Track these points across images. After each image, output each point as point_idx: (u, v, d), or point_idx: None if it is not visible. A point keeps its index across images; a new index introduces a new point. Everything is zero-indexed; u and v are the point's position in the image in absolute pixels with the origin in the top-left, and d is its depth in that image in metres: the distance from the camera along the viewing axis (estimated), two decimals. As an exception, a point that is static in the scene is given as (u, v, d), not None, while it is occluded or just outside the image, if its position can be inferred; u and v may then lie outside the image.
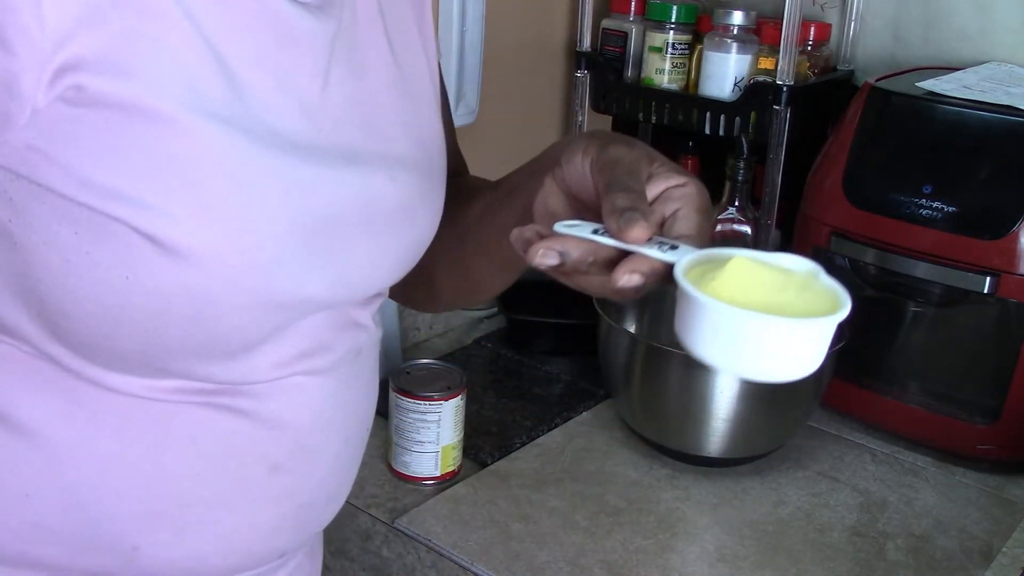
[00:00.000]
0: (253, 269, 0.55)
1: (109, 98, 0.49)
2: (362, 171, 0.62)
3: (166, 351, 0.57)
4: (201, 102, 0.52)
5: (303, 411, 0.65)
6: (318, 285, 0.60)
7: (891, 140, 1.06)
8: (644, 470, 1.03)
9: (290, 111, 0.57)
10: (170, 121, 0.51)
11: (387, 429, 1.00)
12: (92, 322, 0.54)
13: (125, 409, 0.59)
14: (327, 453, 0.68)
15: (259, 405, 0.62)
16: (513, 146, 1.42)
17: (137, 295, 0.53)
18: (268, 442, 0.64)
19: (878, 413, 1.11)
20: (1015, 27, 1.20)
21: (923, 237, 1.01)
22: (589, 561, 0.88)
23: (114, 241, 0.52)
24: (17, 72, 0.47)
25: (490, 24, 1.26)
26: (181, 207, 0.52)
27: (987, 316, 1.04)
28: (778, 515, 0.97)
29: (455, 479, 1.00)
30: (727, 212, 1.23)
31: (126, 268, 0.52)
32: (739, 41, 1.23)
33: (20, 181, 0.51)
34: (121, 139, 0.50)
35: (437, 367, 1.01)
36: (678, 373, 0.99)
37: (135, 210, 0.51)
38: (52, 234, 0.52)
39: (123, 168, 0.51)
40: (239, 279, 0.55)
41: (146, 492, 0.61)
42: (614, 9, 1.35)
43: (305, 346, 0.63)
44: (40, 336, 0.56)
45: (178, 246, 0.52)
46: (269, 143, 0.55)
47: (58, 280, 0.53)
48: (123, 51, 0.49)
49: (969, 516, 0.98)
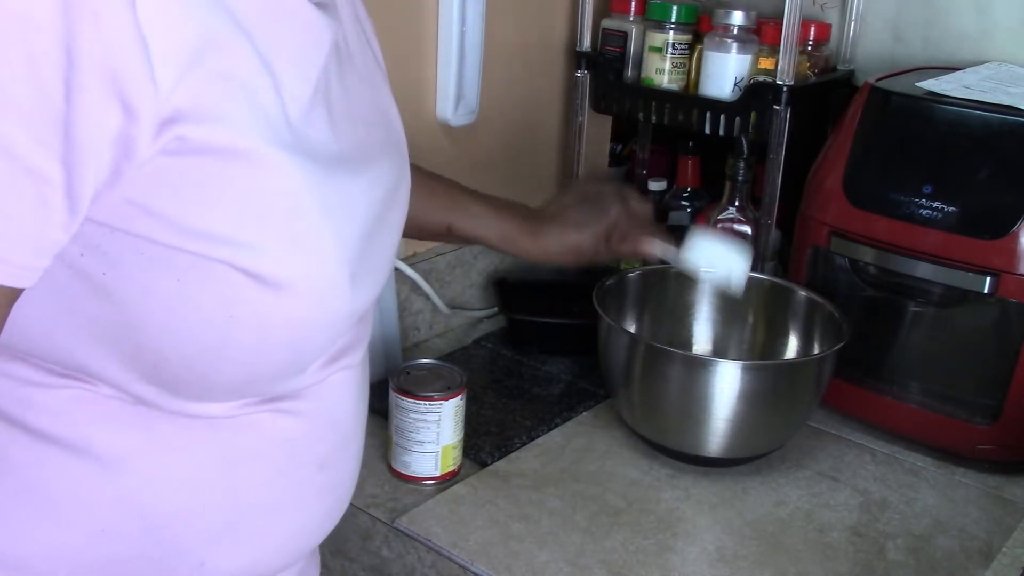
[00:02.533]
0: (338, 290, 0.57)
1: (206, 144, 0.50)
2: (373, 168, 0.63)
3: (261, 378, 0.59)
4: (275, 134, 0.53)
5: (344, 406, 0.67)
6: (374, 288, 0.63)
7: (891, 140, 1.06)
8: (644, 470, 1.03)
9: (324, 122, 0.58)
10: (258, 159, 0.52)
11: (387, 429, 1.00)
12: (192, 362, 0.55)
13: (198, 432, 0.60)
14: (356, 444, 0.72)
15: (312, 405, 0.64)
16: (513, 146, 1.42)
17: (239, 331, 0.54)
18: (318, 441, 0.66)
19: (878, 413, 1.11)
20: (1015, 27, 1.20)
21: (923, 237, 1.01)
22: (589, 561, 0.88)
23: (216, 282, 0.53)
24: (136, 135, 0.48)
25: (490, 24, 1.26)
26: (275, 241, 0.53)
27: (987, 316, 1.04)
28: (778, 515, 0.97)
29: (455, 479, 1.00)
30: (727, 212, 1.23)
31: (229, 307, 0.53)
32: (739, 41, 1.23)
33: (116, 234, 0.51)
34: (218, 183, 0.51)
35: (437, 367, 1.01)
36: (678, 373, 0.99)
37: (235, 250, 0.52)
38: (152, 283, 0.52)
39: (221, 211, 0.52)
40: (328, 301, 0.57)
41: (214, 508, 0.61)
42: (614, 9, 1.35)
43: (345, 343, 0.65)
44: (130, 380, 0.56)
45: (276, 279, 0.54)
46: (324, 163, 0.56)
47: (159, 327, 0.53)
48: (212, 96, 0.50)
49: (969, 516, 0.98)
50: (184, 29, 0.48)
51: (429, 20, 1.22)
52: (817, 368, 1.01)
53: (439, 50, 1.23)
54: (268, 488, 0.64)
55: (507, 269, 1.43)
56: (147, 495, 0.59)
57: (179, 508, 0.60)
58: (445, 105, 1.25)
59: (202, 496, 0.61)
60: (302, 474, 0.65)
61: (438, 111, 1.26)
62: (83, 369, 0.56)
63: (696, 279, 1.04)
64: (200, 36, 0.49)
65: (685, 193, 1.42)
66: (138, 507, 0.59)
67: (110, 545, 0.59)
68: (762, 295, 1.15)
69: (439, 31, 1.23)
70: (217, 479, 0.61)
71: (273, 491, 0.64)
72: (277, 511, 0.65)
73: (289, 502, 0.65)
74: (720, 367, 0.97)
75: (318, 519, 0.69)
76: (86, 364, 0.55)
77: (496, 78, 1.32)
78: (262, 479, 0.63)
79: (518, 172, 1.44)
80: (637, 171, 1.53)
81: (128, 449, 0.58)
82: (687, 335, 1.18)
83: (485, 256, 1.39)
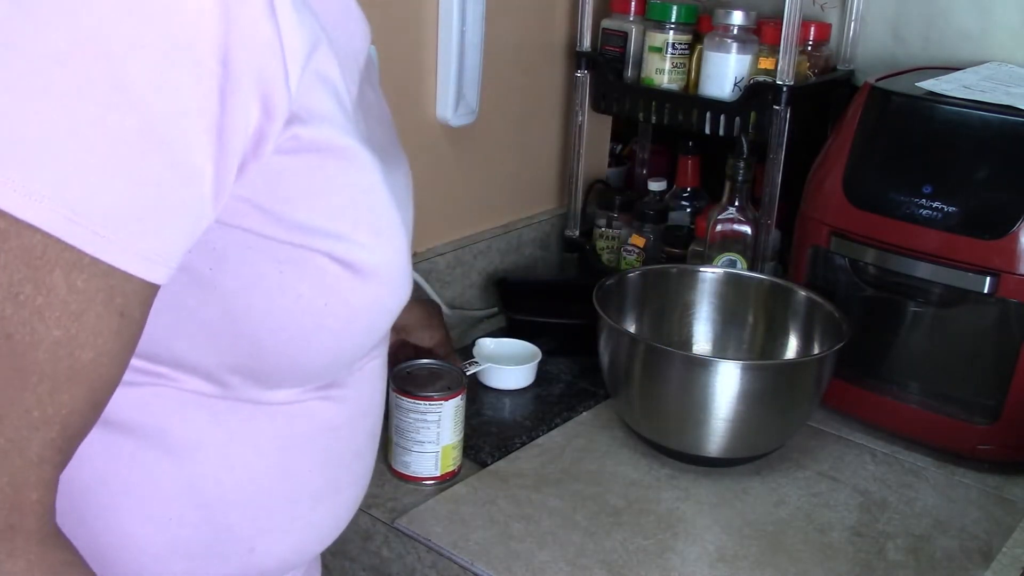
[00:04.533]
0: (405, 276, 0.61)
1: (313, 143, 0.53)
2: (401, 164, 0.67)
3: (341, 362, 0.62)
4: (355, 131, 0.56)
5: (377, 394, 0.70)
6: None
7: (891, 140, 1.06)
8: (644, 470, 1.03)
9: (364, 118, 0.61)
10: (351, 155, 0.55)
11: (387, 429, 1.00)
12: (286, 348, 0.58)
13: (260, 421, 0.61)
14: (378, 430, 0.73)
15: (354, 393, 0.66)
16: (513, 146, 1.42)
17: (331, 317, 0.57)
18: (357, 428, 0.68)
19: (878, 413, 1.11)
20: (1015, 27, 1.20)
21: (923, 237, 1.01)
22: (589, 561, 0.88)
23: (314, 272, 0.55)
24: (269, 134, 0.50)
25: (490, 24, 1.26)
26: (364, 231, 0.57)
27: (987, 316, 1.04)
28: (778, 515, 0.97)
29: (455, 479, 1.00)
30: (727, 212, 1.23)
31: (325, 294, 0.56)
32: (739, 41, 1.23)
33: (225, 229, 0.53)
34: (320, 179, 0.54)
35: (437, 367, 1.01)
36: (678, 373, 0.99)
37: (333, 241, 0.55)
38: (255, 275, 0.55)
39: (322, 205, 0.55)
40: (400, 287, 0.61)
41: (268, 495, 0.63)
42: (614, 9, 1.35)
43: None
44: (220, 370, 0.58)
45: (365, 267, 0.57)
46: (379, 157, 0.59)
47: (259, 317, 0.56)
48: (316, 96, 0.53)
49: (969, 516, 0.98)
50: (302, 31, 0.50)
51: (429, 20, 1.22)
52: (817, 368, 1.01)
53: (439, 50, 1.23)
54: (314, 475, 0.66)
55: (507, 269, 1.43)
56: (212, 483, 0.61)
57: (238, 496, 0.62)
58: (445, 105, 1.25)
59: (258, 483, 0.63)
60: (343, 461, 0.68)
61: (438, 111, 1.26)
62: (177, 362, 0.58)
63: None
64: (309, 38, 0.51)
65: (685, 193, 1.42)
66: (203, 495, 0.61)
67: (177, 533, 0.61)
68: (762, 295, 1.15)
69: (439, 31, 1.22)
70: (272, 466, 0.63)
71: (318, 478, 0.66)
72: (320, 498, 0.67)
73: (330, 489, 0.67)
74: (720, 367, 0.97)
75: (350, 506, 0.71)
76: (181, 356, 0.57)
77: (496, 78, 1.32)
78: (310, 465, 0.65)
79: (518, 172, 1.44)
80: (637, 171, 1.53)
81: (199, 439, 0.60)
82: (687, 335, 1.18)
83: (485, 256, 1.39)
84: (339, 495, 0.69)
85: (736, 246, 1.23)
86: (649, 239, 1.36)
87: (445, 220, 1.33)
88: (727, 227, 1.23)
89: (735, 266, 1.22)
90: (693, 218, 1.38)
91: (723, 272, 1.18)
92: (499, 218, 1.43)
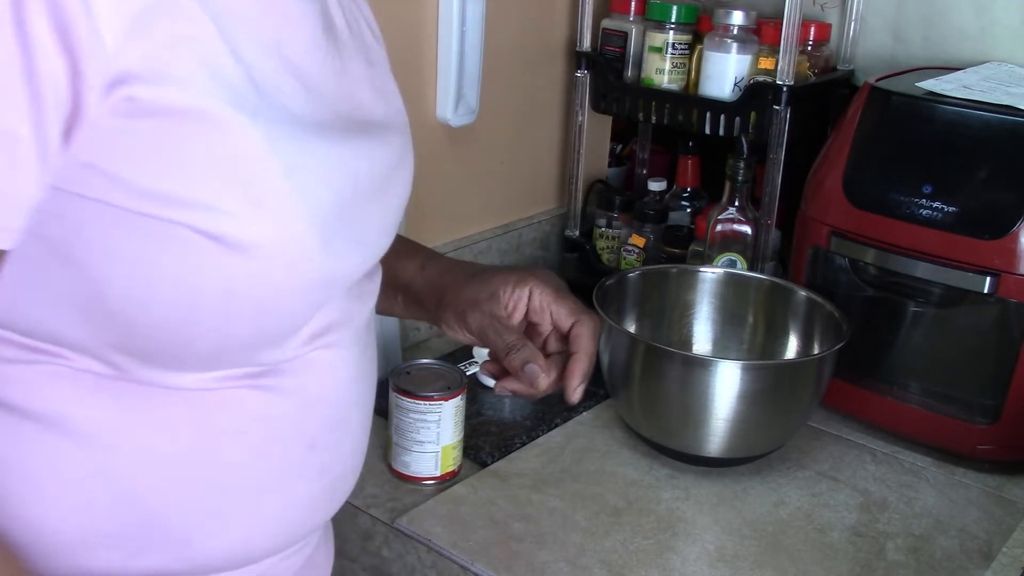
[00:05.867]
0: (308, 253, 0.57)
1: (159, 106, 0.50)
2: (361, 141, 0.63)
3: (234, 345, 0.58)
4: (234, 98, 0.53)
5: (335, 385, 0.66)
6: (355, 258, 0.63)
7: (891, 140, 1.06)
8: (644, 470, 1.03)
9: (299, 92, 0.59)
10: (215, 121, 0.52)
11: (387, 429, 1.00)
12: (159, 328, 0.55)
13: (174, 404, 0.59)
14: (354, 425, 0.70)
15: (296, 382, 0.63)
16: (513, 146, 1.42)
17: (206, 295, 0.54)
18: (305, 420, 0.65)
19: (878, 413, 1.11)
20: (1015, 27, 1.20)
21: (923, 237, 1.01)
22: (589, 561, 0.88)
23: (179, 246, 0.53)
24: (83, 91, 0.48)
25: (490, 24, 1.26)
26: (236, 204, 0.53)
27: (987, 316, 1.04)
28: (778, 515, 0.97)
29: (455, 479, 1.00)
30: (727, 212, 1.23)
31: (194, 271, 0.53)
32: (739, 41, 1.23)
33: (75, 199, 0.51)
34: (174, 145, 0.51)
35: (437, 367, 1.01)
36: (678, 373, 0.99)
37: (195, 212, 0.52)
38: (114, 248, 0.52)
39: (178, 173, 0.52)
40: (297, 264, 0.57)
41: (196, 484, 0.61)
42: (614, 9, 1.35)
43: (332, 319, 0.64)
44: (103, 349, 0.56)
45: (240, 242, 0.54)
46: (295, 127, 0.57)
47: (123, 292, 0.54)
48: (166, 58, 0.50)
49: (969, 516, 0.98)
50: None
51: (429, 20, 1.22)
52: (817, 368, 1.01)
53: (439, 50, 1.23)
54: (252, 467, 0.63)
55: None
56: (122, 469, 0.59)
57: (156, 484, 0.60)
58: (445, 105, 1.25)
59: (181, 472, 0.60)
60: (289, 453, 0.65)
61: (438, 111, 1.26)
62: (57, 339, 0.56)
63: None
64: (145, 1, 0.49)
65: (685, 193, 1.42)
66: (114, 481, 0.59)
67: (90, 521, 0.59)
68: (762, 295, 1.15)
69: (439, 31, 1.22)
70: (196, 456, 0.60)
71: (258, 470, 0.63)
72: (263, 491, 0.64)
73: (275, 482, 0.65)
74: (720, 367, 0.97)
75: (309, 500, 0.68)
76: (59, 333, 0.56)
77: (496, 78, 1.32)
78: (245, 458, 0.62)
79: (518, 172, 1.44)
80: (637, 171, 1.53)
81: (102, 423, 0.58)
82: (687, 335, 1.18)
83: (485, 256, 1.39)
84: (291, 490, 0.66)
85: (736, 246, 1.23)
86: (649, 239, 1.36)
87: (445, 220, 1.33)
88: (727, 227, 1.23)
89: (735, 266, 1.22)
90: (693, 218, 1.38)
91: (723, 272, 1.18)
92: (499, 218, 1.43)
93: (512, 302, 0.81)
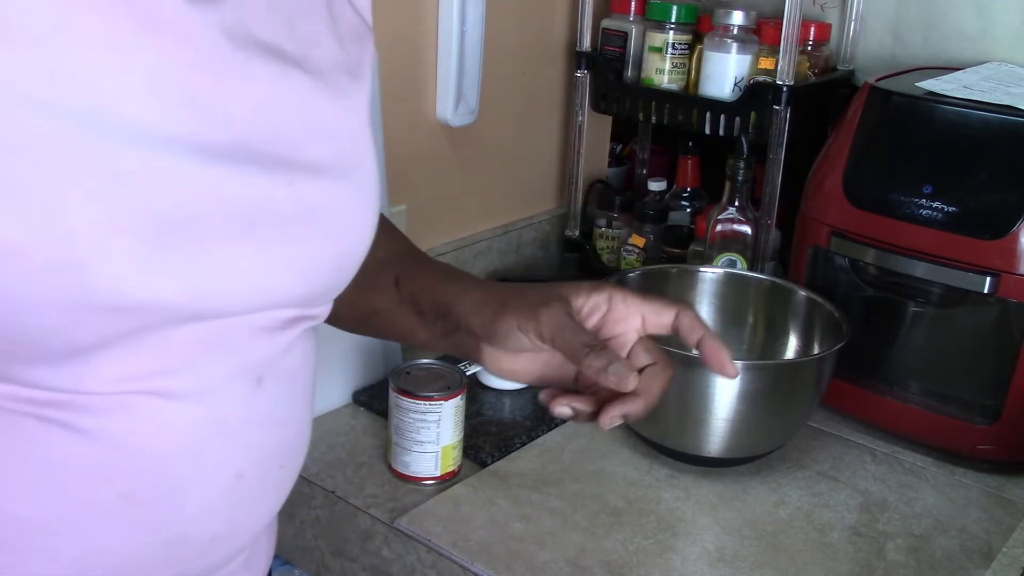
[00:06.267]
0: (62, 264, 0.49)
1: None
2: (248, 172, 0.55)
3: None
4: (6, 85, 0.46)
5: (160, 437, 0.58)
6: (170, 291, 0.53)
7: (891, 140, 1.06)
8: (644, 470, 1.03)
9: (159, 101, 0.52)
10: None
11: (387, 429, 1.00)
12: None
13: None
14: (203, 488, 0.60)
15: (100, 423, 0.55)
16: (513, 146, 1.43)
17: None
18: (116, 467, 0.57)
19: (878, 413, 1.11)
20: (1015, 27, 1.20)
21: (923, 237, 1.01)
22: (589, 561, 0.88)
23: None
24: None
25: (490, 24, 1.26)
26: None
27: (987, 316, 1.04)
28: (778, 515, 0.97)
29: (455, 479, 1.00)
30: (727, 212, 1.23)
31: None
32: (739, 41, 1.23)
33: None
34: None
35: (437, 367, 1.01)
36: (678, 373, 0.99)
37: None
38: None
39: None
40: (44, 274, 0.49)
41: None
42: (614, 9, 1.35)
43: (164, 363, 0.56)
44: None
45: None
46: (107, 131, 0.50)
47: None
48: None
49: (969, 516, 0.98)
50: None
51: (429, 20, 1.22)
52: (817, 368, 1.01)
53: (439, 50, 1.23)
54: (42, 503, 0.56)
55: (507, 269, 1.43)
56: None
57: None
58: (445, 105, 1.25)
59: None
60: (91, 498, 0.57)
61: (438, 111, 1.26)
62: None
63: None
64: None
65: (685, 193, 1.42)
66: None
67: None
68: (762, 295, 1.15)
69: (439, 31, 1.23)
70: None
71: (50, 508, 0.56)
72: (61, 532, 0.57)
73: (76, 526, 0.57)
74: (720, 367, 0.97)
75: (136, 555, 0.60)
76: None
77: (496, 78, 1.32)
78: (32, 491, 0.56)
79: (518, 172, 1.44)
80: (637, 171, 1.53)
81: None
82: (687, 335, 1.17)
83: (485, 256, 1.39)
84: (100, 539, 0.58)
85: (736, 246, 1.23)
86: (649, 239, 1.36)
87: (445, 220, 1.33)
88: (727, 227, 1.23)
89: (735, 266, 1.22)
90: (693, 218, 1.38)
91: (723, 272, 1.18)
92: (499, 218, 1.43)
93: (588, 307, 0.72)
